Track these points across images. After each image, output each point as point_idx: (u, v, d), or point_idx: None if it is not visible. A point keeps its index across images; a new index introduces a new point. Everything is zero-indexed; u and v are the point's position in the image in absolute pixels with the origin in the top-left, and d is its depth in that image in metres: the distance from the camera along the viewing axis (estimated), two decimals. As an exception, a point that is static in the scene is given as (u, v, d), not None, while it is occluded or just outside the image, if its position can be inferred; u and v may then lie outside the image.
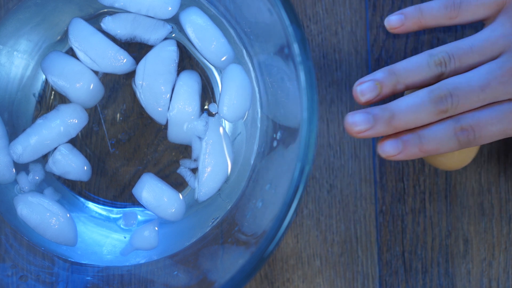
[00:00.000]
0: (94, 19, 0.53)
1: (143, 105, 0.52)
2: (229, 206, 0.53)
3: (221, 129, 0.52)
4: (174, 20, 0.52)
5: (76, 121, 0.51)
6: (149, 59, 0.51)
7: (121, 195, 0.54)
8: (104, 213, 0.54)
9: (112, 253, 0.53)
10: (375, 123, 0.47)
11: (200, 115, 0.52)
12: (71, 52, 0.52)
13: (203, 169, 0.51)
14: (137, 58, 0.52)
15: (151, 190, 0.52)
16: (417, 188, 0.56)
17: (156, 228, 0.52)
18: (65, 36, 0.53)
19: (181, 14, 0.52)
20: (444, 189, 0.56)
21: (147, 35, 0.52)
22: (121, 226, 0.54)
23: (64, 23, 0.53)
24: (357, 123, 0.47)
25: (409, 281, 0.56)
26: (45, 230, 0.51)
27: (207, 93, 0.54)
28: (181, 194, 0.53)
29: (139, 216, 0.54)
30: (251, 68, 0.53)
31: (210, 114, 0.53)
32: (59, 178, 0.54)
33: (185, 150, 0.54)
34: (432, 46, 0.55)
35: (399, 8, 0.55)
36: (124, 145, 0.54)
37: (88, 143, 0.54)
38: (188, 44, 0.53)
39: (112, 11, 0.53)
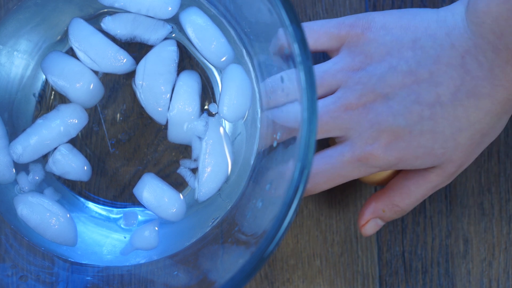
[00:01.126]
0: (94, 19, 0.53)
1: (143, 105, 0.52)
2: (229, 206, 0.53)
3: (221, 129, 0.52)
4: (174, 20, 0.52)
5: (76, 121, 0.51)
6: (149, 59, 0.51)
7: (121, 195, 0.54)
8: (104, 213, 0.54)
9: (112, 253, 0.53)
10: None
11: (200, 115, 0.52)
12: (71, 52, 0.52)
13: (203, 169, 0.51)
14: (137, 58, 0.52)
15: (152, 190, 0.52)
16: (417, 188, 0.56)
17: (156, 228, 0.52)
18: (65, 36, 0.53)
19: (181, 14, 0.52)
20: (444, 189, 0.56)
21: (147, 35, 0.52)
22: (122, 226, 0.54)
23: (64, 23, 0.53)
24: None
25: (409, 281, 0.56)
26: (45, 230, 0.51)
27: (207, 93, 0.54)
28: (181, 194, 0.53)
29: (139, 216, 0.54)
30: (251, 68, 0.52)
31: (210, 114, 0.53)
32: (59, 178, 0.54)
33: (185, 150, 0.54)
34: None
35: (399, 8, 0.55)
36: (124, 145, 0.54)
37: (88, 143, 0.54)
38: (188, 44, 0.53)
39: (112, 11, 0.52)
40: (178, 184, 0.54)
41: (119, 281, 0.52)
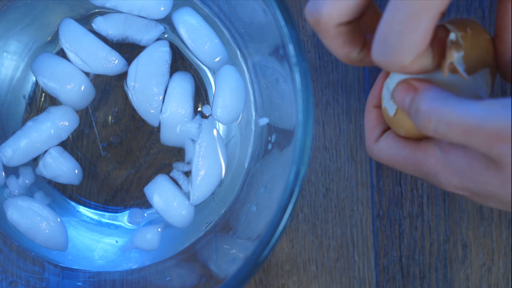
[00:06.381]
0: (85, 20, 0.53)
1: (135, 107, 0.52)
2: (223, 210, 0.53)
3: (214, 132, 0.52)
4: (167, 21, 0.52)
5: (67, 124, 0.51)
6: (141, 60, 0.51)
7: (113, 199, 0.54)
8: (95, 217, 0.54)
9: (104, 258, 0.53)
10: None
11: (193, 117, 0.52)
12: (62, 53, 0.52)
13: (197, 172, 0.51)
14: (129, 59, 0.52)
15: (163, 193, 0.52)
16: (415, 192, 0.55)
17: (160, 230, 0.52)
18: (55, 37, 0.53)
19: (174, 14, 0.52)
20: (443, 193, 0.56)
21: (139, 36, 0.52)
22: (126, 223, 0.54)
23: (55, 23, 0.53)
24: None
25: (407, 287, 0.55)
26: (36, 234, 0.51)
27: (201, 95, 0.54)
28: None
29: (145, 214, 0.54)
30: (245, 69, 0.52)
31: (204, 116, 0.53)
32: (50, 182, 0.54)
33: (178, 153, 0.54)
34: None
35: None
36: (116, 148, 0.54)
37: (79, 146, 0.54)
38: (181, 45, 0.53)
39: (104, 11, 0.52)
40: (171, 187, 0.53)
41: (110, 287, 0.52)
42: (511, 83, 0.44)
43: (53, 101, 0.53)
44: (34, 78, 0.53)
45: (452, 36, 0.41)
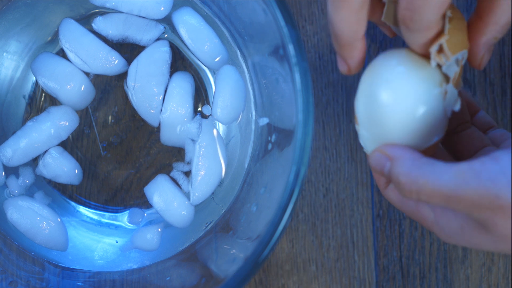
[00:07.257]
0: (85, 20, 0.52)
1: (135, 107, 0.52)
2: (223, 210, 0.52)
3: (214, 132, 0.51)
4: (167, 21, 0.52)
5: (67, 124, 0.51)
6: (141, 60, 0.51)
7: (113, 199, 0.54)
8: (95, 217, 0.54)
9: (104, 258, 0.53)
10: None
11: (193, 117, 0.51)
12: (62, 53, 0.52)
13: (197, 172, 0.51)
14: (129, 59, 0.52)
15: (163, 193, 0.52)
16: (415, 192, 0.55)
17: (160, 230, 0.52)
18: (55, 37, 0.53)
19: (173, 14, 0.51)
20: (442, 193, 0.56)
21: (139, 36, 0.52)
22: (126, 223, 0.54)
23: (55, 23, 0.52)
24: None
25: (407, 287, 0.55)
26: (36, 234, 0.51)
27: (201, 95, 0.53)
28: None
29: (145, 214, 0.54)
30: (245, 69, 0.52)
31: (204, 116, 0.53)
32: (50, 182, 0.53)
33: (178, 153, 0.54)
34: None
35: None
36: (116, 148, 0.54)
37: (79, 146, 0.53)
38: (181, 45, 0.53)
39: (104, 11, 0.52)
40: (171, 187, 0.53)
41: (110, 287, 0.52)
42: (477, 67, 0.44)
43: (53, 101, 0.53)
44: (34, 78, 0.53)
45: (449, 13, 0.41)
